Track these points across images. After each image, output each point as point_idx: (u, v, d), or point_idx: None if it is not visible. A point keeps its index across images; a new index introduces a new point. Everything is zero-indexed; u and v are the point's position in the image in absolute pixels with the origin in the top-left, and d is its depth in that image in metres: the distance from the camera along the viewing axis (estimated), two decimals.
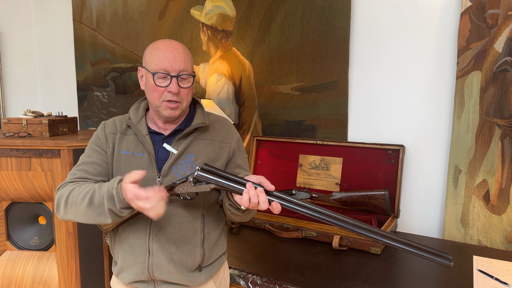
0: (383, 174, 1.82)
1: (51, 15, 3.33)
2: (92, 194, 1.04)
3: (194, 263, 1.16)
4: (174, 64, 1.11)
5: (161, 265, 1.12)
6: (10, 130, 2.04)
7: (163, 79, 1.12)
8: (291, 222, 1.71)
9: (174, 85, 1.11)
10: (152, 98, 1.15)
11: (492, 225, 1.60)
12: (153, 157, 1.15)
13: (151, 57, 1.14)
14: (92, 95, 3.11)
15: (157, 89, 1.12)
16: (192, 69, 1.18)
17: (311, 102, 2.04)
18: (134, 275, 1.14)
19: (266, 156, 2.15)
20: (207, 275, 1.19)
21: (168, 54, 1.12)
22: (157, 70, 1.11)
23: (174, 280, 1.13)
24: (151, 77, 1.13)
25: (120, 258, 1.18)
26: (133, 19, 2.75)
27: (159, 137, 1.20)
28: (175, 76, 1.12)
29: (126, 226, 1.16)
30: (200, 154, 1.17)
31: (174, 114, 1.15)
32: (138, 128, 1.19)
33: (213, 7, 2.34)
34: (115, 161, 1.17)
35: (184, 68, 1.13)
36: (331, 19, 1.93)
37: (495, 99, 1.57)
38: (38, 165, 1.87)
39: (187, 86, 1.15)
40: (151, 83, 1.13)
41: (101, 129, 1.23)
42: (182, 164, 1.15)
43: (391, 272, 1.36)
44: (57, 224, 1.92)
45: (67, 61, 3.27)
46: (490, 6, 1.55)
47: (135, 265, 1.14)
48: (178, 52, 1.13)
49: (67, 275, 1.96)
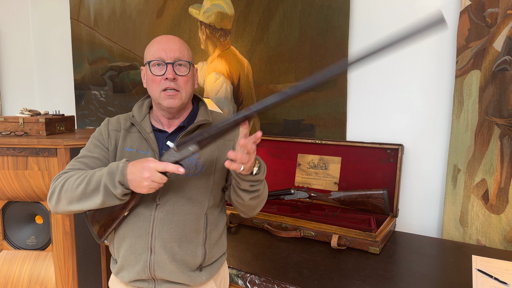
0: (382, 173, 1.82)
1: (49, 13, 3.31)
2: (91, 175, 1.08)
3: (195, 262, 1.15)
4: (169, 53, 1.14)
5: (162, 264, 1.11)
6: (7, 128, 2.02)
7: (159, 68, 1.14)
8: (289, 222, 1.70)
9: (170, 71, 1.13)
10: (152, 90, 1.17)
11: (491, 224, 1.60)
12: (158, 155, 1.15)
13: (148, 50, 1.17)
14: (90, 94, 3.09)
15: (155, 79, 1.14)
16: (188, 58, 1.19)
17: (309, 101, 2.04)
18: (135, 273, 1.13)
19: (264, 156, 2.14)
20: (207, 275, 1.18)
21: (163, 44, 1.15)
22: (152, 59, 1.14)
23: (175, 279, 1.13)
24: (148, 68, 1.15)
25: (120, 257, 1.16)
26: (131, 17, 2.74)
27: (163, 135, 1.20)
28: (170, 63, 1.13)
29: (127, 224, 1.15)
30: (204, 152, 1.17)
31: (173, 103, 1.15)
32: (142, 125, 1.19)
33: (211, 6, 2.33)
34: (119, 158, 1.18)
35: (179, 56, 1.15)
36: (330, 18, 1.93)
37: (494, 98, 1.56)
38: (35, 164, 1.86)
39: (184, 73, 1.16)
40: (149, 75, 1.16)
41: (105, 125, 1.24)
42: (186, 162, 1.14)
43: (390, 272, 1.35)
44: (54, 224, 1.91)
45: (64, 59, 3.26)
46: (490, 5, 1.54)
47: (136, 263, 1.13)
48: (172, 42, 1.16)
49: (64, 275, 1.95)
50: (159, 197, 1.13)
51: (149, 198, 1.13)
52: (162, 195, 1.13)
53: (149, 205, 1.13)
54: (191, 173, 1.15)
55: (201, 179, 1.15)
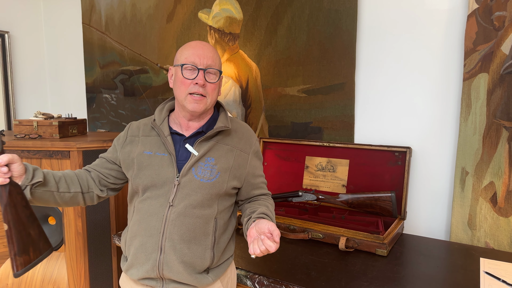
0: (390, 176, 1.82)
1: (61, 18, 3.38)
2: None
3: (203, 265, 1.17)
4: (202, 59, 1.18)
5: (171, 264, 1.14)
6: (21, 131, 2.07)
7: (190, 72, 1.18)
8: (297, 224, 1.71)
9: (200, 77, 1.17)
10: (179, 92, 1.20)
11: (500, 227, 1.60)
12: (174, 157, 1.18)
13: (181, 53, 1.21)
14: (101, 97, 3.15)
15: (184, 82, 1.18)
16: (219, 67, 1.23)
17: (317, 104, 2.05)
18: (144, 272, 1.16)
19: (272, 158, 2.16)
20: (214, 276, 1.20)
21: (198, 50, 1.19)
22: (185, 63, 1.18)
23: (182, 280, 1.15)
24: (179, 70, 1.19)
25: (131, 255, 1.20)
26: (141, 22, 2.78)
27: (180, 138, 1.23)
28: (202, 69, 1.18)
29: (140, 223, 1.19)
30: (221, 159, 1.20)
31: (198, 108, 1.19)
32: (161, 129, 1.24)
33: (220, 10, 2.36)
34: (138, 162, 1.22)
35: (211, 64, 1.20)
36: (337, 22, 1.94)
37: (502, 101, 1.57)
38: (48, 166, 1.90)
39: (214, 81, 1.20)
40: (179, 77, 1.20)
41: (125, 130, 1.33)
42: (202, 167, 1.18)
43: (397, 274, 1.36)
44: (67, 225, 1.95)
45: (76, 63, 3.32)
46: (497, 8, 1.55)
47: (146, 262, 1.16)
48: (207, 49, 1.21)
49: (76, 275, 1.99)
50: (173, 198, 1.16)
51: (164, 199, 1.16)
52: (175, 197, 1.16)
53: (163, 205, 1.16)
54: (205, 178, 1.17)
55: (214, 186, 1.18)
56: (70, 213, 1.93)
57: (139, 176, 1.20)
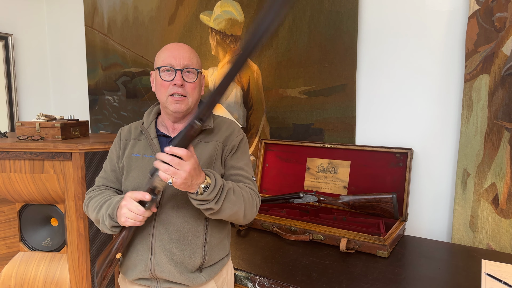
0: (391, 177, 1.82)
1: (64, 20, 3.40)
2: (102, 203, 1.20)
3: (194, 264, 1.18)
4: (178, 60, 1.19)
5: (162, 264, 1.16)
6: (24, 133, 2.08)
7: (168, 73, 1.20)
8: (298, 225, 1.72)
9: (178, 77, 1.18)
10: (160, 94, 1.22)
11: (501, 229, 1.59)
12: None
13: (159, 56, 1.23)
14: (103, 99, 3.16)
15: (163, 84, 1.20)
16: (197, 66, 1.24)
17: (318, 105, 2.05)
18: (138, 273, 1.19)
19: (274, 159, 2.16)
20: (207, 276, 1.21)
21: (173, 51, 1.21)
22: (162, 65, 1.20)
23: (174, 279, 1.17)
24: (158, 73, 1.20)
25: (126, 256, 1.23)
26: (144, 24, 2.80)
27: (167, 139, 1.25)
28: (179, 70, 1.19)
29: None
30: (203, 156, 1.21)
31: (180, 108, 1.20)
32: (148, 131, 1.26)
33: (222, 12, 2.37)
34: (127, 164, 1.25)
35: (188, 64, 1.20)
36: (338, 24, 1.95)
37: (503, 103, 1.56)
38: (50, 167, 1.91)
39: (192, 80, 1.21)
40: (158, 80, 1.21)
41: (117, 136, 1.34)
42: None
43: (399, 276, 1.36)
44: (69, 226, 1.95)
45: (79, 65, 3.33)
46: (498, 10, 1.55)
47: (139, 263, 1.18)
48: (183, 50, 1.22)
49: (78, 276, 1.99)
50: (160, 199, 1.18)
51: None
52: (163, 197, 1.18)
53: None
54: None
55: None
56: (72, 214, 1.93)
57: (128, 178, 1.23)
